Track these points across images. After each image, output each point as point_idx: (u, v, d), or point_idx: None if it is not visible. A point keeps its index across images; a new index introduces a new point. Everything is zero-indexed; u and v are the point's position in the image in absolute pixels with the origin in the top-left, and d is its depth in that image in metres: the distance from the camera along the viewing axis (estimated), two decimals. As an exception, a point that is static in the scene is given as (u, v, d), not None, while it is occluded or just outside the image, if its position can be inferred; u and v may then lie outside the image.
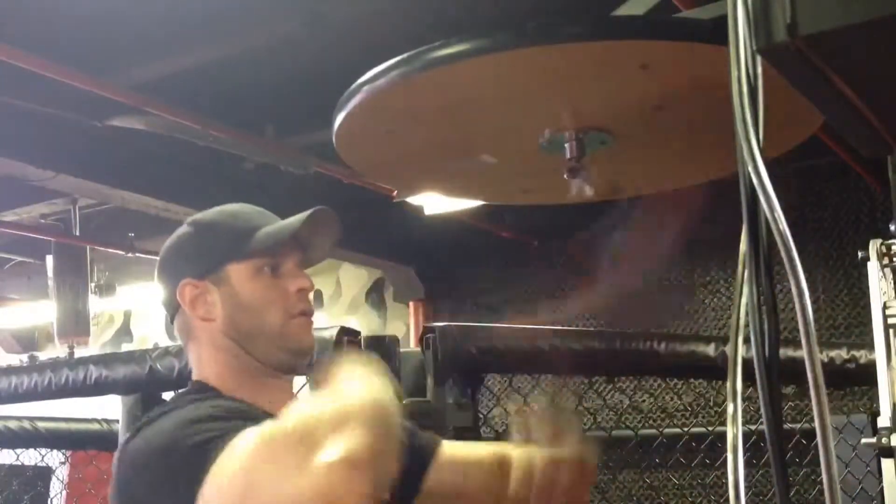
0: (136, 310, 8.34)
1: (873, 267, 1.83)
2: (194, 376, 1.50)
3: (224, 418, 1.26)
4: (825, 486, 0.82)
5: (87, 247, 6.32)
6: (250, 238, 1.46)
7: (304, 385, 2.11)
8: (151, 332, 8.23)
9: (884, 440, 1.74)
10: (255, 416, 1.30)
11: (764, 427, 0.85)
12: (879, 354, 1.78)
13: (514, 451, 1.54)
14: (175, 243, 1.54)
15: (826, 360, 2.54)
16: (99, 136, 4.78)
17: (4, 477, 3.58)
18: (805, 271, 0.79)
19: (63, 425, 2.93)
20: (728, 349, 0.96)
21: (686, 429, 3.58)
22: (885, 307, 1.79)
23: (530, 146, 2.31)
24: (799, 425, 2.82)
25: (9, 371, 2.78)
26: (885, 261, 1.83)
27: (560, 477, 1.47)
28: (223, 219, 1.53)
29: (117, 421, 2.55)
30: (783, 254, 0.80)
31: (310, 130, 4.72)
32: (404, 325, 6.95)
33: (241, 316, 1.45)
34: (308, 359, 1.49)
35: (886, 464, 1.80)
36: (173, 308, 1.50)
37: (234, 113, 4.63)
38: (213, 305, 1.45)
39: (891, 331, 1.79)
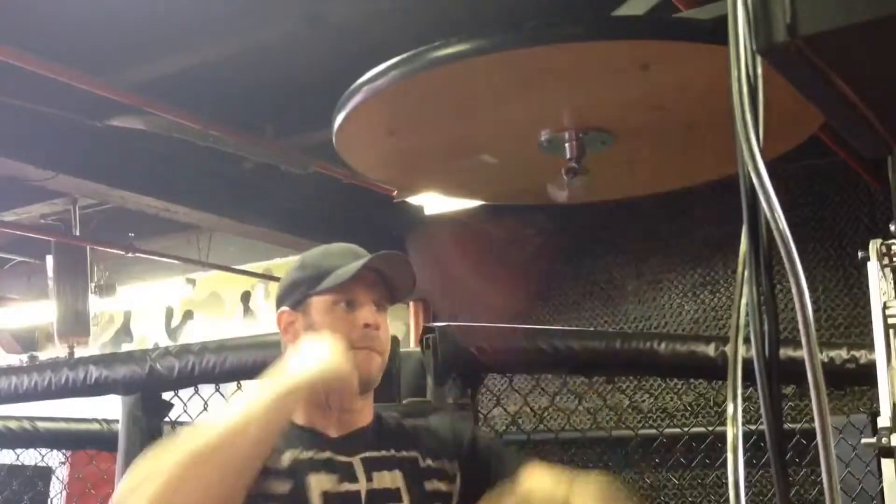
0: (136, 310, 8.34)
1: (873, 267, 1.83)
2: None
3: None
4: (825, 486, 0.82)
5: (87, 247, 6.33)
6: (329, 274, 1.64)
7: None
8: (151, 332, 8.23)
9: (884, 440, 1.74)
10: None
11: (764, 427, 0.85)
12: (879, 354, 1.78)
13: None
14: (285, 278, 1.75)
15: (826, 360, 2.54)
16: (99, 136, 4.78)
17: (4, 477, 3.58)
18: (805, 271, 0.79)
19: (63, 425, 2.93)
20: (728, 349, 0.96)
21: (686, 429, 3.58)
22: (885, 307, 1.79)
23: (530, 146, 2.31)
24: (799, 425, 2.82)
25: (9, 371, 2.78)
26: (885, 261, 1.83)
27: None
28: (318, 256, 1.72)
29: (117, 421, 2.55)
30: (783, 254, 0.80)
31: (310, 130, 4.72)
32: (404, 325, 6.95)
33: None
34: (371, 387, 1.65)
35: (886, 464, 1.80)
36: (279, 332, 1.71)
37: (234, 113, 4.63)
38: (298, 332, 1.65)
39: (891, 331, 1.78)
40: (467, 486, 1.65)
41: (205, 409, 2.45)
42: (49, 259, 6.33)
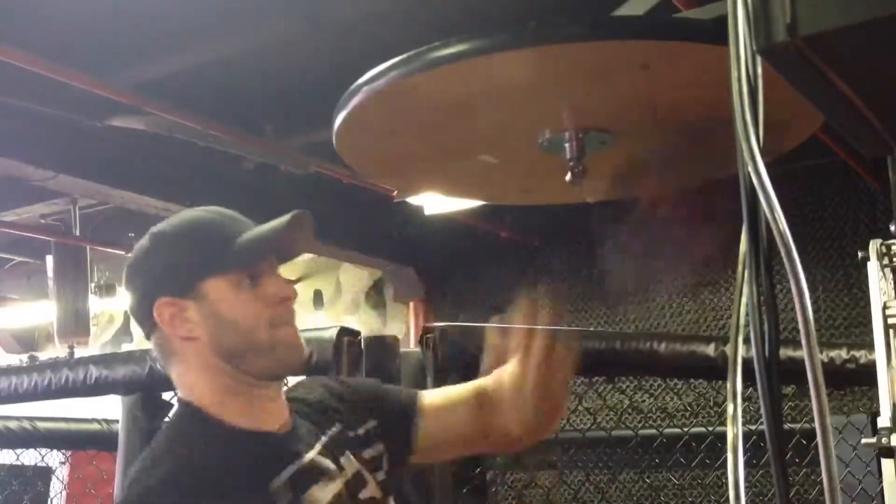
0: (136, 310, 8.33)
1: (873, 267, 1.83)
2: (181, 394, 1.44)
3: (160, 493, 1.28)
4: (825, 486, 0.82)
5: (87, 247, 6.32)
6: (226, 249, 1.37)
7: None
8: (151, 332, 8.22)
9: (884, 440, 1.74)
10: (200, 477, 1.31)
11: (764, 427, 0.85)
12: (879, 354, 1.78)
13: (488, 381, 1.57)
14: (143, 258, 1.42)
15: (826, 360, 2.54)
16: (99, 136, 4.78)
17: (4, 477, 3.58)
18: (805, 271, 0.79)
19: (63, 425, 2.93)
20: (728, 349, 0.96)
21: (686, 429, 3.58)
22: (885, 307, 1.79)
23: (530, 146, 2.31)
24: (799, 425, 2.82)
25: (9, 371, 2.78)
26: (885, 261, 1.83)
27: (543, 355, 1.50)
28: (193, 229, 1.42)
29: (117, 421, 2.55)
30: (783, 254, 0.80)
31: (310, 130, 4.72)
32: (404, 325, 6.95)
33: (225, 334, 1.37)
34: (302, 366, 1.46)
35: (886, 464, 1.80)
36: (149, 325, 1.41)
37: (234, 113, 4.63)
38: (195, 324, 1.37)
39: (891, 331, 1.78)
40: (384, 437, 1.53)
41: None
42: (49, 259, 6.33)
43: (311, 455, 1.40)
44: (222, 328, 1.37)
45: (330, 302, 7.38)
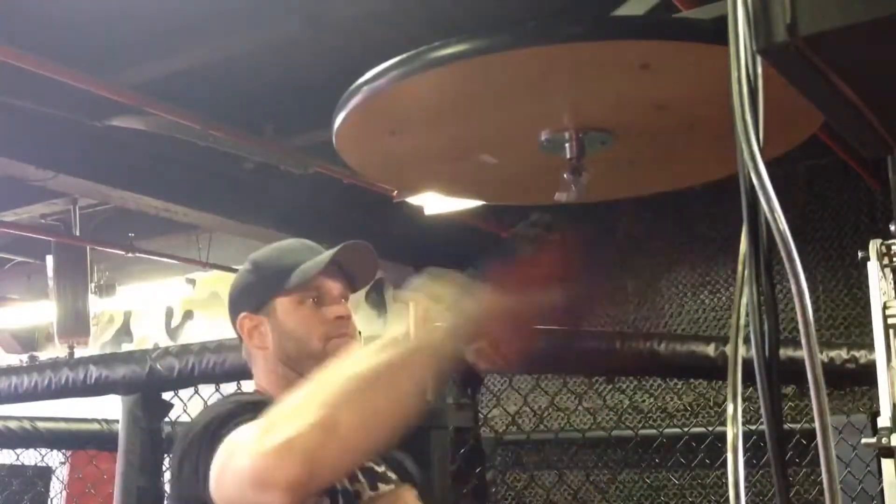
0: (136, 310, 8.34)
1: (873, 267, 1.83)
2: (255, 385, 1.68)
3: (241, 413, 1.40)
4: (825, 486, 0.82)
5: (87, 247, 6.32)
6: (291, 273, 1.61)
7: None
8: (151, 332, 8.23)
9: (884, 440, 1.73)
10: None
11: (764, 427, 0.85)
12: (879, 354, 1.77)
13: None
14: (237, 281, 1.70)
15: (826, 360, 2.54)
16: (99, 136, 4.78)
17: (4, 477, 3.58)
18: (805, 271, 0.79)
19: (63, 425, 2.94)
20: (728, 349, 0.96)
21: (686, 429, 3.58)
22: (885, 307, 1.79)
23: (530, 146, 2.31)
24: (799, 425, 2.82)
25: (9, 371, 2.78)
26: (885, 261, 1.82)
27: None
28: (274, 256, 1.69)
29: (117, 421, 2.55)
30: (783, 254, 0.80)
31: (310, 130, 4.72)
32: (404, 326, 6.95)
33: (287, 343, 1.60)
34: None
35: (886, 464, 1.80)
36: (238, 337, 1.68)
37: (234, 113, 4.63)
38: (265, 336, 1.62)
39: (891, 331, 1.78)
40: None
41: (205, 409, 2.45)
42: (49, 259, 6.33)
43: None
44: (285, 338, 1.61)
45: (330, 302, 7.37)
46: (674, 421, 5.40)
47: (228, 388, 2.42)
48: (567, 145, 2.26)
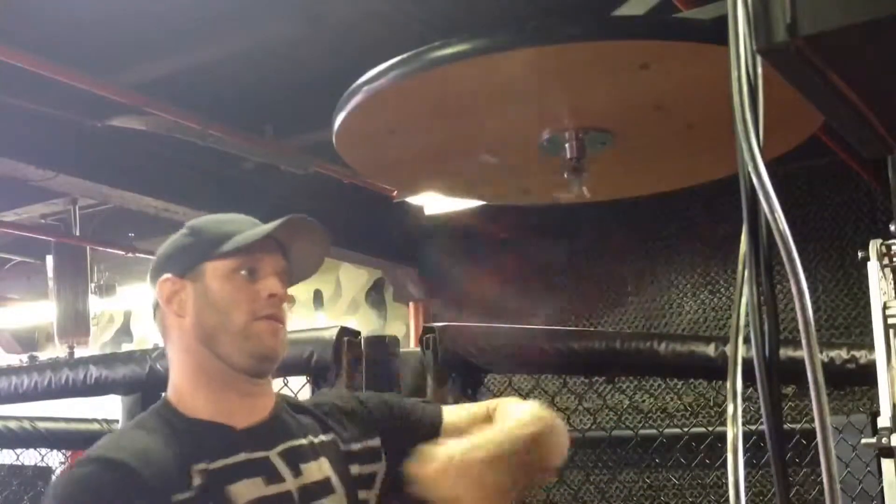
0: (136, 310, 8.34)
1: (873, 267, 1.83)
2: (168, 389, 1.54)
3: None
4: (825, 486, 0.82)
5: (87, 247, 6.32)
6: (228, 240, 1.48)
7: (302, 386, 2.11)
8: (151, 332, 8.19)
9: (884, 440, 1.74)
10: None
11: (764, 427, 0.85)
12: (879, 354, 1.78)
13: (498, 402, 1.63)
14: (167, 244, 1.55)
15: (826, 360, 2.53)
16: (99, 136, 4.78)
17: (4, 477, 3.58)
18: (805, 271, 0.79)
19: (63, 425, 2.93)
20: (728, 349, 0.96)
21: (686, 429, 3.57)
22: (885, 307, 1.79)
23: (530, 146, 2.31)
24: (799, 425, 2.82)
25: (9, 371, 2.78)
26: (885, 261, 1.83)
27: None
28: (213, 222, 1.55)
29: (117, 421, 2.55)
30: (783, 254, 0.80)
31: (310, 130, 4.72)
32: (404, 325, 6.95)
33: (207, 313, 1.46)
34: (275, 364, 1.49)
35: (886, 464, 1.80)
36: (154, 304, 1.53)
37: (234, 113, 4.63)
38: (185, 302, 1.47)
39: (891, 331, 1.78)
40: (393, 456, 1.55)
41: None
42: (49, 259, 6.33)
43: (259, 454, 1.43)
44: (206, 307, 1.45)
45: (330, 302, 7.38)
46: (674, 421, 5.40)
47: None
48: (567, 145, 2.26)
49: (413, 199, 4.84)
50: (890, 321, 1.78)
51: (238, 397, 1.47)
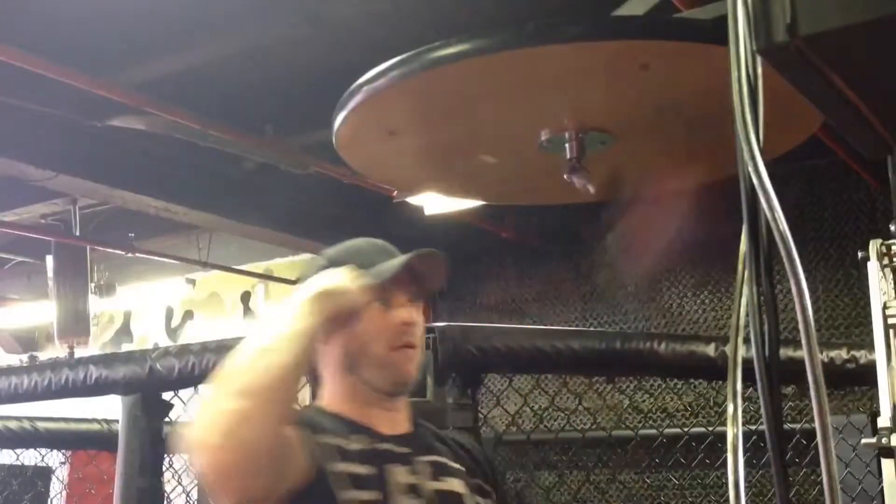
0: (136, 310, 8.34)
1: (873, 267, 1.82)
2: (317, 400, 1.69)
3: None
4: (825, 486, 0.82)
5: (87, 247, 6.32)
6: (365, 274, 1.59)
7: (302, 386, 2.11)
8: (151, 332, 8.23)
9: (884, 440, 1.73)
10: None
11: (764, 427, 0.85)
12: (879, 354, 1.77)
13: None
14: (308, 275, 1.66)
15: (826, 360, 2.53)
16: (99, 136, 4.78)
17: (4, 477, 3.58)
18: (805, 271, 0.79)
19: (63, 425, 2.93)
20: (728, 349, 0.96)
21: (686, 429, 3.58)
22: (885, 307, 1.79)
23: (530, 146, 2.31)
24: (799, 425, 2.82)
25: (9, 371, 2.78)
26: (885, 261, 1.82)
27: None
28: (346, 253, 1.68)
29: (117, 421, 2.55)
30: (783, 254, 0.80)
31: (310, 130, 4.72)
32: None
33: (351, 343, 1.58)
34: (409, 387, 1.63)
35: (886, 464, 1.80)
36: None
37: (234, 113, 4.63)
38: (329, 331, 1.59)
39: (891, 331, 1.78)
40: None
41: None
42: (49, 259, 6.33)
43: (405, 450, 1.56)
44: (350, 338, 1.59)
45: (330, 302, 7.37)
46: (674, 421, 5.40)
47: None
48: (567, 145, 2.26)
49: (413, 199, 4.84)
50: (890, 321, 1.77)
51: (381, 412, 1.61)
